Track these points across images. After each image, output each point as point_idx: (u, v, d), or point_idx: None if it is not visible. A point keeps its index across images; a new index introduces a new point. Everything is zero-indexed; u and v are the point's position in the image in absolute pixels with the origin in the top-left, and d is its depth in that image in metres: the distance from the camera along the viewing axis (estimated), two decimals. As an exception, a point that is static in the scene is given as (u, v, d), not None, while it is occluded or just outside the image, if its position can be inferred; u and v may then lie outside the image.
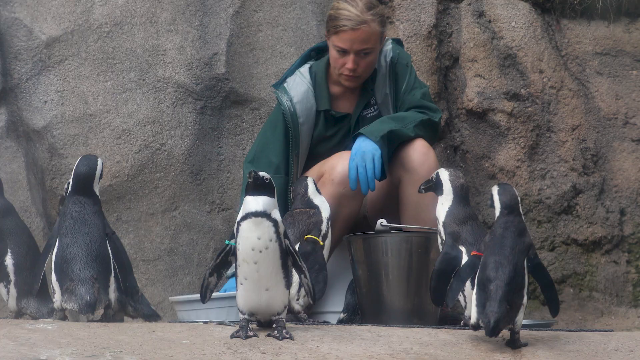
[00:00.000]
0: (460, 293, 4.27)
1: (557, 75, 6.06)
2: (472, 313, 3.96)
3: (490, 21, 6.10)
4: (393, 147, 4.98)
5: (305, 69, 5.29)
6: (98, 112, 5.62)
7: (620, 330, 5.56)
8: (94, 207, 4.39)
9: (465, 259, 4.21)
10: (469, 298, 4.16)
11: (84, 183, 4.41)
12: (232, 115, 5.79)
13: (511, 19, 6.08)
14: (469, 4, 6.13)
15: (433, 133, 5.19)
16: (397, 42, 5.39)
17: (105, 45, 5.67)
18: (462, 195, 4.41)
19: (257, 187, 3.86)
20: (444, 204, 4.40)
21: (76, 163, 4.45)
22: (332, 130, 5.26)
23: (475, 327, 3.96)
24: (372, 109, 5.27)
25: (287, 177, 5.17)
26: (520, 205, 4.16)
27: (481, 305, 3.93)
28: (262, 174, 3.88)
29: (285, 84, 5.25)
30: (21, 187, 5.43)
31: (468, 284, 4.20)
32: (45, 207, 5.51)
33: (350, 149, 5.03)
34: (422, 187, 4.53)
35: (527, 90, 6.01)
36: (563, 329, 4.76)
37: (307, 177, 4.76)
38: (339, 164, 4.96)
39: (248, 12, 5.86)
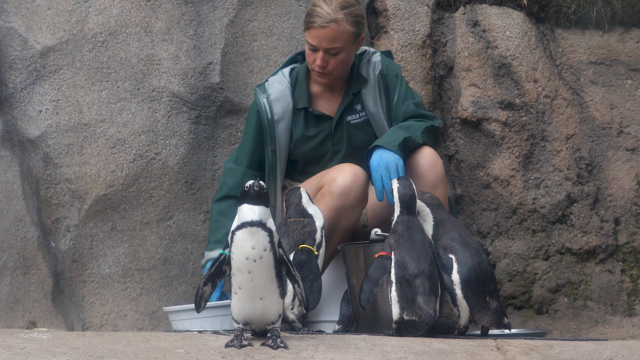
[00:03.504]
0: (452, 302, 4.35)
1: (551, 85, 6.07)
2: (395, 309, 4.24)
3: (484, 30, 6.11)
4: (405, 154, 5.00)
5: (287, 69, 5.35)
6: (93, 121, 5.62)
7: (615, 339, 5.57)
8: None
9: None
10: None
11: None
12: (226, 124, 5.79)
13: (505, 29, 6.09)
14: (464, 14, 6.15)
15: (436, 139, 5.24)
16: (387, 54, 5.41)
17: (100, 54, 5.67)
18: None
19: (258, 196, 3.87)
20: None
21: None
22: (314, 131, 5.28)
23: (399, 322, 4.22)
24: (358, 115, 5.28)
25: (262, 172, 5.24)
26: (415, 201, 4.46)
27: (409, 301, 4.21)
28: (262, 183, 3.89)
29: (266, 83, 5.32)
30: (16, 197, 5.42)
31: (460, 292, 4.32)
32: (40, 217, 5.50)
33: (333, 153, 5.22)
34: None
35: (522, 99, 6.02)
36: (557, 338, 4.76)
37: (299, 187, 4.77)
38: (339, 176, 4.96)
39: (243, 21, 5.86)
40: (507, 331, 4.63)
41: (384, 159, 4.89)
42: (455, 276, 4.36)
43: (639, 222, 6.05)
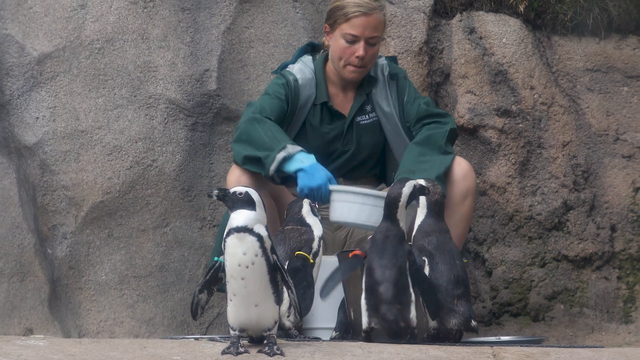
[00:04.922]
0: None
1: (548, 92, 6.08)
2: (364, 317, 4.22)
3: (481, 37, 6.12)
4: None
5: (308, 59, 5.33)
6: (89, 128, 5.62)
7: (611, 347, 5.57)
8: None
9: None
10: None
11: None
12: (223, 131, 5.79)
13: (502, 36, 6.10)
14: (460, 21, 6.15)
15: (455, 139, 5.28)
16: (392, 59, 5.43)
17: (97, 61, 5.68)
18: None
19: (245, 202, 3.86)
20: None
21: None
22: (327, 128, 5.27)
23: (368, 331, 4.22)
24: (367, 116, 5.30)
25: None
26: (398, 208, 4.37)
27: (373, 308, 4.19)
28: (236, 189, 3.89)
29: (288, 69, 5.28)
30: (13, 204, 5.43)
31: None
32: (36, 224, 5.51)
33: (341, 152, 5.27)
34: None
35: (518, 106, 6.02)
36: (554, 345, 4.76)
37: (302, 198, 4.76)
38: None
39: (239, 28, 5.87)
40: (478, 336, 4.68)
41: None
42: None
43: (635, 229, 6.05)
